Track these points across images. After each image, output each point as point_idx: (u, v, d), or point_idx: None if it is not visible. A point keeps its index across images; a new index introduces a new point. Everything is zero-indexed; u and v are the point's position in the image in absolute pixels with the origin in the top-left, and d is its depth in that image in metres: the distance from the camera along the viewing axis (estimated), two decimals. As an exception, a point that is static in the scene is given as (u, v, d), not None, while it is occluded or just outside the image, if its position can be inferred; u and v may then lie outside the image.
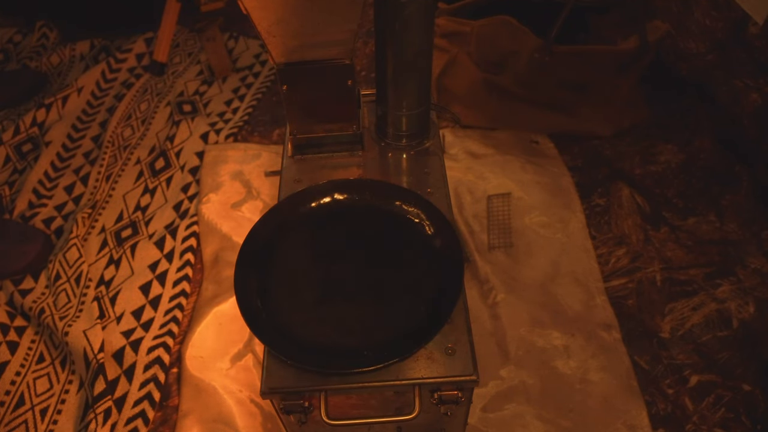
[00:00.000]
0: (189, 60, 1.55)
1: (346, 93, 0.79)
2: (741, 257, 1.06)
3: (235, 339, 0.97)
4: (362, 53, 1.53)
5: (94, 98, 1.45)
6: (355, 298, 0.68)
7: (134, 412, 0.91)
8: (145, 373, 0.95)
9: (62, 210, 1.21)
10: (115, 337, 1.00)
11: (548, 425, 0.87)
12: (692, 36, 1.28)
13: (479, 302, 1.01)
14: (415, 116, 0.84)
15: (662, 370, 0.93)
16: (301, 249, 0.74)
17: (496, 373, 0.92)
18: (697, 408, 0.89)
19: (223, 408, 0.90)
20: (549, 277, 1.04)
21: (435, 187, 0.80)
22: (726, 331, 0.96)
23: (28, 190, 1.23)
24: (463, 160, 1.22)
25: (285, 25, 0.70)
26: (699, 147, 1.24)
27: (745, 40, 1.16)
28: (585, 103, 1.26)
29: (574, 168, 1.22)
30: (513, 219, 1.12)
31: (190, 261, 1.09)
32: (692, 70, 1.31)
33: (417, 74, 0.79)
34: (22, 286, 1.08)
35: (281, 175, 0.84)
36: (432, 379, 0.62)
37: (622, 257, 1.07)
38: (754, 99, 1.17)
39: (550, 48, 1.15)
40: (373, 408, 0.70)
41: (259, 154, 1.28)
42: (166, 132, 1.35)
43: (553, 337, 0.96)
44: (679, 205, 1.15)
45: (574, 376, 0.92)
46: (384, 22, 0.74)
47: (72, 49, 1.58)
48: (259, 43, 1.56)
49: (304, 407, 0.64)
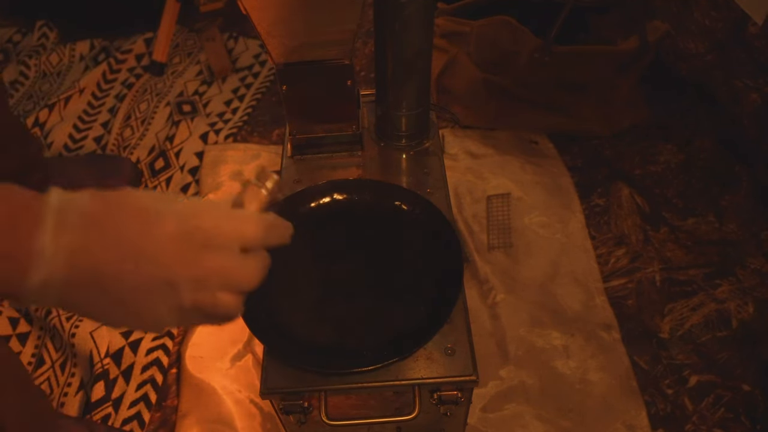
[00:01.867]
0: (188, 60, 1.55)
1: (345, 93, 0.79)
2: (740, 257, 1.06)
3: (235, 339, 0.97)
4: (362, 53, 1.53)
5: (95, 99, 1.45)
6: (354, 298, 0.68)
7: (130, 413, 0.91)
8: (143, 374, 0.95)
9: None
10: (115, 338, 1.00)
11: (548, 425, 0.87)
12: (692, 36, 1.28)
13: (479, 302, 1.01)
14: (414, 116, 0.84)
15: (662, 370, 0.93)
16: (300, 249, 0.73)
17: (496, 373, 0.92)
18: (697, 408, 0.89)
19: (223, 408, 0.90)
20: (548, 277, 1.04)
21: (434, 188, 0.80)
22: (725, 332, 0.96)
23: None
24: (462, 160, 1.22)
25: (284, 26, 0.70)
26: (699, 147, 1.24)
27: (744, 40, 1.16)
28: (585, 103, 1.26)
29: (573, 168, 1.22)
30: (512, 219, 1.12)
31: (189, 261, 1.09)
32: (692, 70, 1.31)
33: (416, 74, 0.79)
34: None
35: (281, 175, 0.84)
36: (432, 379, 0.62)
37: (621, 257, 1.07)
38: (754, 99, 1.17)
39: (549, 48, 1.15)
40: (372, 408, 0.70)
41: (258, 155, 1.28)
42: (166, 132, 1.35)
43: (553, 337, 0.96)
44: (678, 206, 1.15)
45: (573, 376, 0.92)
46: (383, 22, 0.74)
47: (72, 49, 1.58)
48: (258, 44, 1.56)
49: (304, 407, 0.64)
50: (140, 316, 0.39)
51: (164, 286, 0.37)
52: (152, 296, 0.37)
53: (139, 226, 0.37)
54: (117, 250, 0.36)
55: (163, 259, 0.37)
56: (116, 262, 0.36)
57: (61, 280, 0.35)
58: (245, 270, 0.40)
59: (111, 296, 0.37)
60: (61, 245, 0.35)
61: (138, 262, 0.36)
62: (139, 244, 0.37)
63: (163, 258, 0.37)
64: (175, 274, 0.37)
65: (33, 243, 0.34)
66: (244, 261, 0.40)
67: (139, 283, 0.37)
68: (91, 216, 0.36)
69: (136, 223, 0.37)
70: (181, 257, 0.37)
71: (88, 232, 0.36)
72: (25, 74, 1.54)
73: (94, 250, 0.36)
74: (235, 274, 0.40)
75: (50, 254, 0.34)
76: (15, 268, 0.34)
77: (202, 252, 0.38)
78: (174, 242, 0.37)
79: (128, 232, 0.37)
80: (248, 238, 0.40)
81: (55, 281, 0.35)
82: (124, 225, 0.37)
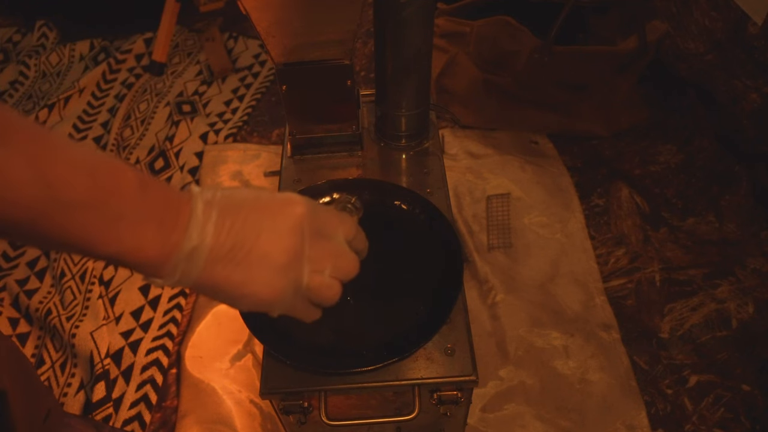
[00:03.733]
0: (188, 60, 1.55)
1: (345, 93, 0.79)
2: (740, 257, 1.06)
3: (235, 339, 0.97)
4: (362, 53, 1.53)
5: (95, 99, 1.45)
6: (354, 298, 0.68)
7: (131, 414, 0.91)
8: (143, 375, 0.95)
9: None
10: (115, 338, 1.00)
11: (547, 425, 0.87)
12: (691, 36, 1.28)
13: (478, 302, 1.01)
14: (414, 116, 0.84)
15: (661, 370, 0.93)
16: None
17: (496, 373, 0.92)
18: (697, 408, 0.89)
19: (222, 408, 0.90)
20: (548, 277, 1.04)
21: (434, 188, 0.80)
22: (725, 332, 0.96)
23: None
24: (462, 161, 1.22)
25: (284, 26, 0.70)
26: (698, 147, 1.24)
27: (744, 40, 1.16)
28: (584, 104, 1.26)
29: (573, 168, 1.22)
30: (512, 219, 1.12)
31: (189, 261, 1.09)
32: (692, 70, 1.31)
33: (416, 74, 0.79)
34: (27, 286, 1.08)
35: (280, 175, 0.84)
36: (431, 379, 0.62)
37: (621, 257, 1.07)
38: (753, 99, 1.17)
39: (549, 48, 1.15)
40: (372, 408, 0.70)
41: (258, 155, 1.28)
42: (166, 132, 1.35)
43: (553, 338, 0.96)
44: (678, 206, 1.15)
45: (573, 376, 0.92)
46: (383, 23, 0.74)
47: (72, 49, 1.58)
48: (258, 44, 1.56)
49: (304, 408, 0.64)
50: (262, 293, 0.42)
51: (293, 259, 0.42)
52: (282, 270, 0.42)
53: (276, 205, 0.42)
54: (254, 228, 0.40)
55: (293, 235, 0.42)
56: (253, 238, 0.40)
57: (207, 251, 0.39)
58: (351, 258, 0.46)
59: (243, 271, 0.41)
60: (211, 219, 0.39)
61: (273, 236, 0.41)
62: (274, 221, 0.41)
63: (293, 234, 0.42)
64: (303, 249, 0.42)
65: (183, 217, 0.38)
66: (350, 251, 0.46)
67: (271, 254, 0.41)
68: (233, 201, 0.41)
69: (273, 203, 0.42)
70: (307, 236, 0.42)
71: (230, 212, 0.40)
72: (24, 74, 1.54)
73: (237, 227, 0.40)
74: (344, 261, 0.45)
75: (200, 224, 0.39)
76: (167, 237, 0.38)
77: (320, 236, 0.44)
78: (302, 222, 0.42)
79: (266, 211, 0.41)
80: (349, 233, 0.46)
81: (202, 252, 0.39)
82: (261, 206, 0.41)
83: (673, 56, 1.34)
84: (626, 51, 1.19)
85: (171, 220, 0.38)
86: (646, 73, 1.29)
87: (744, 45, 1.17)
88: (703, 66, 1.28)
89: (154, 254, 0.37)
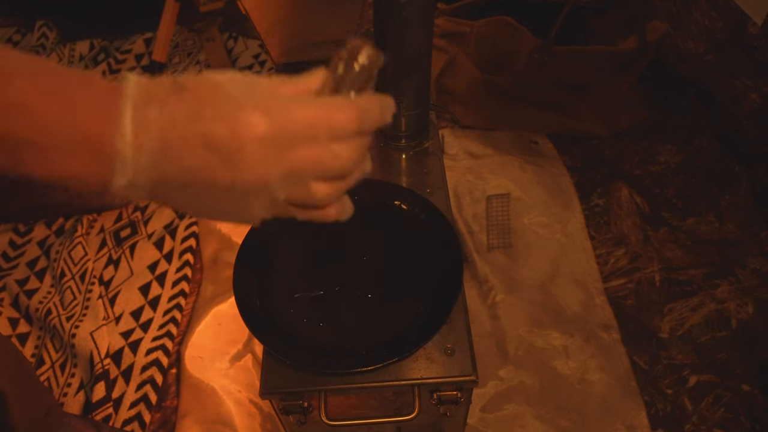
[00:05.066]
0: (188, 60, 1.55)
1: (345, 93, 0.79)
2: (740, 257, 1.06)
3: (235, 339, 0.97)
4: (362, 53, 1.53)
5: (94, 98, 1.45)
6: (354, 298, 0.68)
7: (131, 414, 0.91)
8: (143, 375, 0.95)
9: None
10: (115, 339, 1.00)
11: (547, 425, 0.87)
12: (691, 36, 1.28)
13: (478, 302, 1.01)
14: (414, 116, 0.84)
15: (661, 371, 0.93)
16: (300, 249, 0.74)
17: (496, 373, 0.92)
18: (696, 408, 0.89)
19: (222, 408, 0.90)
20: (548, 277, 1.04)
21: (434, 188, 0.80)
22: (725, 332, 0.96)
23: (28, 190, 1.23)
24: (462, 161, 1.22)
25: (284, 26, 0.70)
26: (698, 147, 1.24)
27: (744, 40, 1.16)
28: (584, 104, 1.26)
29: (573, 168, 1.22)
30: (512, 219, 1.12)
31: (189, 261, 1.09)
32: (691, 71, 1.31)
33: (416, 74, 0.79)
34: (27, 286, 1.08)
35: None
36: (431, 379, 0.62)
37: (621, 257, 1.07)
38: (753, 99, 1.17)
39: (549, 48, 1.15)
40: (372, 408, 0.70)
41: (258, 155, 1.27)
42: (166, 132, 1.35)
43: (552, 338, 0.96)
44: (678, 206, 1.15)
45: (573, 376, 0.92)
46: (383, 23, 0.74)
47: (71, 49, 1.58)
48: (258, 44, 1.56)
49: (304, 408, 0.64)
50: (232, 213, 0.39)
51: (256, 186, 0.37)
52: (245, 196, 0.37)
53: (227, 126, 0.35)
54: (204, 155, 0.35)
55: (253, 161, 0.36)
56: (204, 168, 0.35)
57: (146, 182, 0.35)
58: (337, 156, 0.39)
59: (201, 199, 0.37)
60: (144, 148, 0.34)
61: (227, 165, 0.36)
62: (228, 146, 0.35)
63: (252, 159, 0.36)
64: (266, 173, 0.37)
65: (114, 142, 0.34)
66: (335, 149, 0.39)
67: (230, 185, 0.36)
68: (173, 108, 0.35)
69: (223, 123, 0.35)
70: (271, 156, 0.36)
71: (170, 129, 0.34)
72: (24, 74, 1.54)
73: (179, 153, 0.35)
74: (327, 162, 0.38)
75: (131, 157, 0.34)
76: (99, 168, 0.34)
77: (291, 147, 0.37)
78: (264, 142, 0.36)
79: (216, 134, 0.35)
80: (339, 129, 0.38)
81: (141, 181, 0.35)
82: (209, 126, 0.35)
83: (673, 56, 1.34)
84: (626, 51, 1.19)
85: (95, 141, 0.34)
86: (646, 73, 1.29)
87: (744, 45, 1.17)
88: (703, 66, 1.28)
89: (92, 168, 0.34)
